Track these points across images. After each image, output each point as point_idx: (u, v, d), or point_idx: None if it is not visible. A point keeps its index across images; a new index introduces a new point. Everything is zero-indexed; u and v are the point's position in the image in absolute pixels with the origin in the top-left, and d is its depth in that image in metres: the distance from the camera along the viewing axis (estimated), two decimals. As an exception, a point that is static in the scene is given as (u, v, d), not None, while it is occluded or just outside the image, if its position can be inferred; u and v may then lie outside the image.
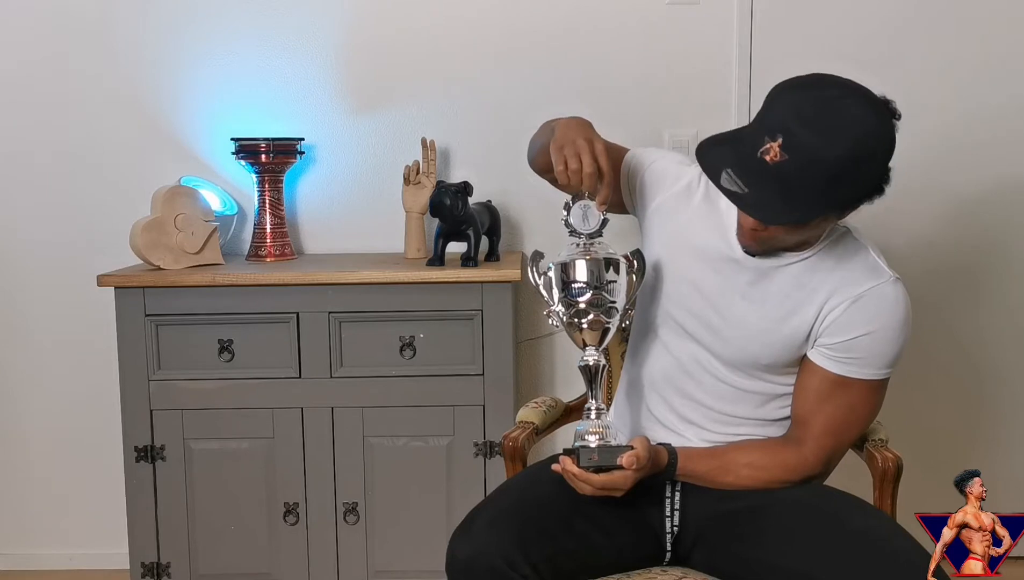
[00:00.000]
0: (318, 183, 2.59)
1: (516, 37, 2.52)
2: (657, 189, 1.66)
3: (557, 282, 1.54)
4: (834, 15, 2.49)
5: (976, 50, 2.50)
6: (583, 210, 1.54)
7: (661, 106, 2.53)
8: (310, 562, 2.30)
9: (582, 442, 1.49)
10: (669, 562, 1.62)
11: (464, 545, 1.44)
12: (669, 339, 1.64)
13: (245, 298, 2.23)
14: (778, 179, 1.35)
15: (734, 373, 1.58)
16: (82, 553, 2.69)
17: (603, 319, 1.53)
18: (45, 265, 2.61)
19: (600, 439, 1.49)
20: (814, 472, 1.56)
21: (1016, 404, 2.65)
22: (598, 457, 1.46)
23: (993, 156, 2.53)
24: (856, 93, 1.38)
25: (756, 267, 1.55)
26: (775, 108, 1.39)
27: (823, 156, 1.33)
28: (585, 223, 1.54)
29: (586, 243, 1.54)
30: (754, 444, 1.58)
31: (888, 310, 1.50)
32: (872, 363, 1.51)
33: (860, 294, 1.50)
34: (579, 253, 1.53)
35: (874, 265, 1.52)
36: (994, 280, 2.60)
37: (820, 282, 1.52)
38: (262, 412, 2.25)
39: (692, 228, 1.61)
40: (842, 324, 1.50)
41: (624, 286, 1.54)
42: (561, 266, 1.53)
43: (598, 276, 1.52)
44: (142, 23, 2.54)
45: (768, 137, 1.35)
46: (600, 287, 1.52)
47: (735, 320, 1.56)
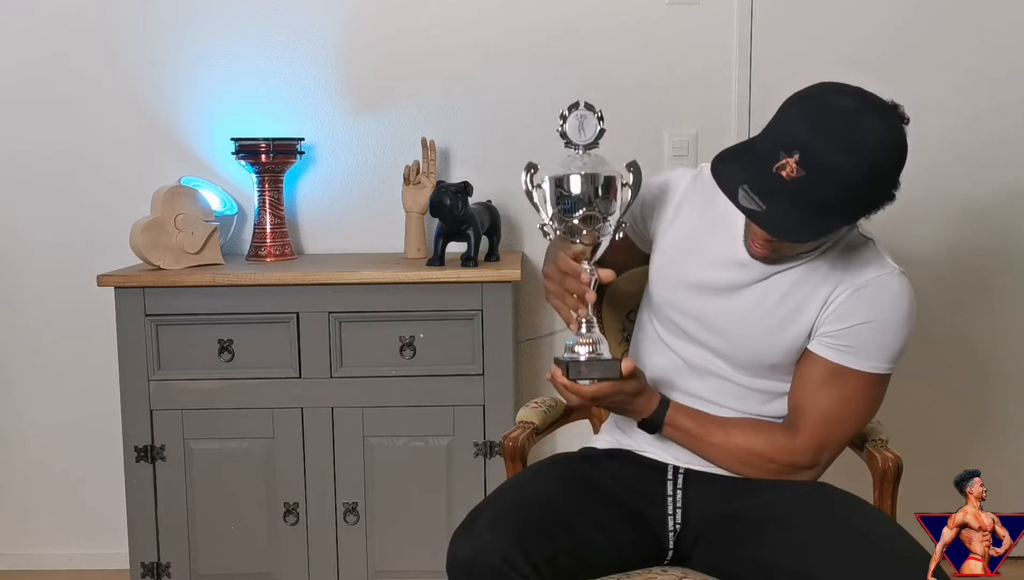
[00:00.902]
0: (318, 183, 2.59)
1: (516, 37, 2.52)
2: (654, 212, 1.67)
3: (551, 196, 1.49)
4: (834, 15, 2.49)
5: (977, 50, 2.50)
6: (579, 121, 1.49)
7: (661, 106, 2.53)
8: (310, 562, 2.30)
9: (571, 354, 1.49)
10: (670, 561, 1.62)
11: (465, 545, 1.44)
12: (672, 341, 1.64)
13: (245, 298, 2.23)
14: (795, 195, 1.35)
15: (740, 372, 1.58)
16: (82, 553, 2.70)
17: (596, 234, 1.49)
18: (45, 265, 2.61)
19: (590, 352, 1.48)
20: (802, 461, 1.54)
21: (1017, 404, 2.65)
22: (587, 370, 1.46)
23: (996, 157, 2.53)
24: (868, 103, 1.38)
25: (761, 268, 1.55)
26: (788, 121, 1.39)
27: (841, 172, 1.33)
28: (581, 134, 1.49)
29: (581, 155, 1.50)
30: (749, 419, 1.59)
31: (890, 301, 1.50)
32: (871, 354, 1.50)
33: (863, 283, 1.49)
34: (574, 166, 1.48)
35: (878, 257, 1.52)
36: (995, 281, 2.60)
37: (824, 275, 1.52)
38: (262, 412, 2.25)
39: (693, 232, 1.62)
40: (843, 312, 1.50)
41: (619, 200, 1.49)
42: (555, 180, 1.48)
43: (592, 190, 1.47)
44: (142, 23, 2.54)
45: (784, 153, 1.35)
46: (594, 202, 1.47)
47: (740, 320, 1.56)
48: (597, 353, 1.48)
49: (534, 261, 2.57)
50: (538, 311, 2.61)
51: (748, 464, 1.56)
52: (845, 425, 1.55)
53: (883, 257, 1.53)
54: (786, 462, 1.55)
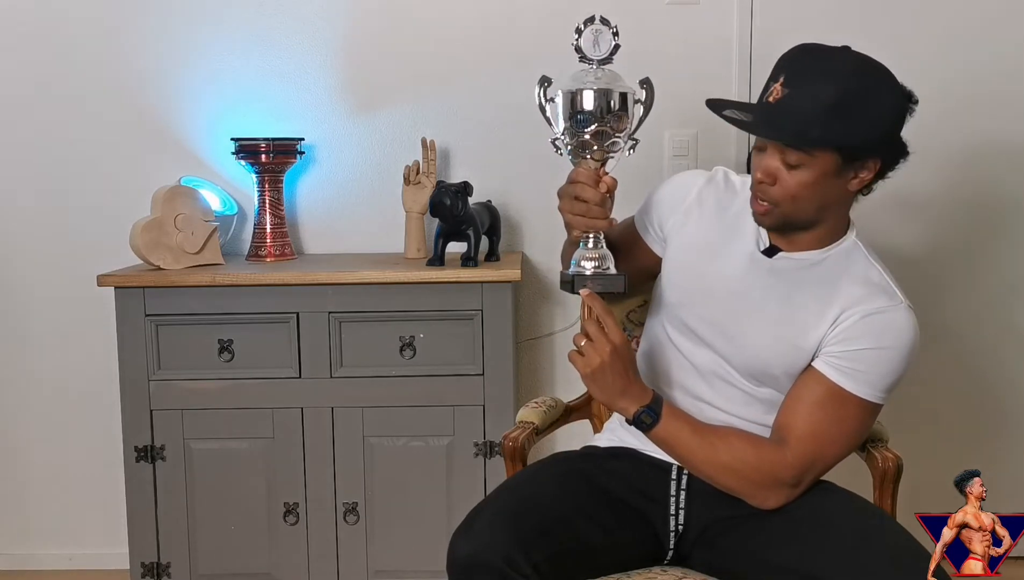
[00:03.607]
0: (318, 183, 2.59)
1: (516, 37, 2.52)
2: (671, 211, 1.67)
3: (565, 110, 1.48)
4: (834, 16, 2.49)
5: (977, 37, 2.50)
6: (595, 35, 1.49)
7: (661, 106, 2.52)
8: (310, 562, 2.30)
9: (577, 269, 1.52)
10: (670, 561, 1.62)
11: (465, 544, 1.44)
12: (683, 344, 1.64)
13: (245, 298, 2.23)
14: (781, 109, 1.43)
15: (746, 379, 1.58)
16: (82, 553, 2.70)
17: (608, 150, 1.50)
18: (45, 265, 2.61)
19: (596, 266, 1.52)
20: (786, 476, 1.51)
21: (1016, 404, 2.65)
22: (592, 284, 1.51)
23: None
24: (853, 51, 1.46)
25: (771, 268, 1.55)
26: (777, 64, 1.48)
27: (823, 81, 1.41)
28: (596, 48, 1.49)
29: (595, 70, 1.49)
30: (738, 429, 1.57)
31: (897, 333, 1.50)
32: (871, 381, 1.50)
33: (873, 311, 1.50)
34: (587, 81, 1.48)
35: (888, 288, 1.53)
36: (997, 281, 2.60)
37: (834, 296, 1.52)
38: (262, 412, 2.25)
39: (707, 233, 1.62)
40: (851, 335, 1.50)
41: (632, 117, 1.50)
42: (569, 94, 1.48)
43: (605, 107, 1.47)
44: (142, 23, 2.54)
45: (772, 83, 1.45)
46: (606, 118, 1.47)
47: (750, 327, 1.55)
48: (603, 268, 1.52)
49: (534, 261, 2.58)
50: (538, 311, 2.61)
51: (732, 472, 1.52)
52: (834, 447, 1.53)
53: (893, 289, 1.53)
54: (771, 474, 1.51)
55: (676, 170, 1.95)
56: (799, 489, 1.53)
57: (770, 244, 1.56)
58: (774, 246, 1.56)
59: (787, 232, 1.53)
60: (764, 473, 1.51)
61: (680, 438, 1.53)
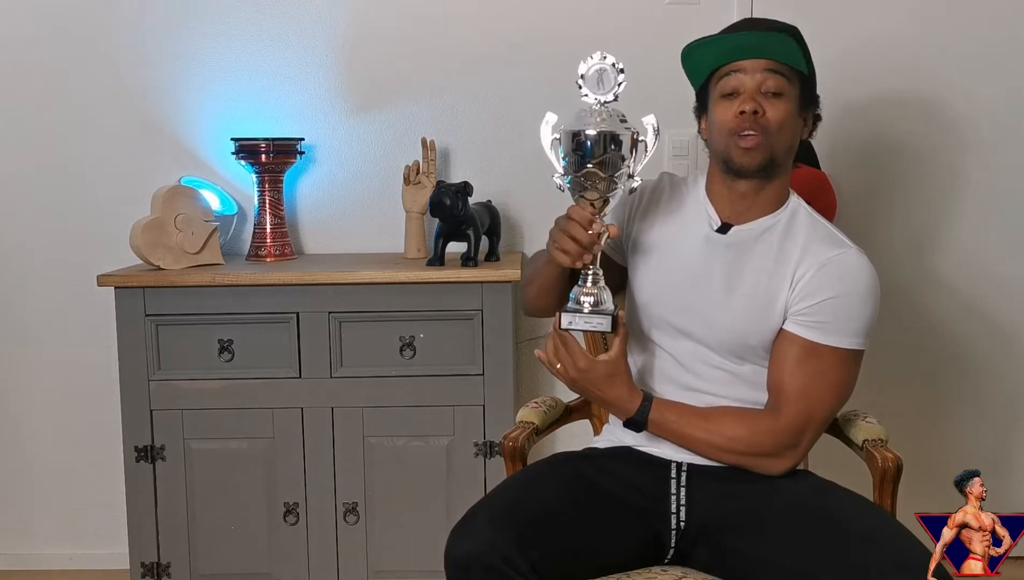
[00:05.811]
0: (318, 183, 2.59)
1: (516, 37, 2.52)
2: (631, 218, 1.72)
3: (566, 148, 1.49)
4: (834, 16, 2.49)
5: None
6: (598, 74, 1.49)
7: (661, 106, 2.52)
8: (310, 562, 2.30)
9: (575, 306, 1.53)
10: (670, 560, 1.62)
11: (463, 542, 1.44)
12: (662, 339, 1.66)
13: (245, 298, 2.23)
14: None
15: (726, 359, 1.61)
16: (82, 553, 2.69)
17: (604, 193, 1.50)
18: (45, 265, 2.61)
19: (592, 305, 1.53)
20: (785, 440, 1.55)
21: (1017, 404, 2.65)
22: (584, 322, 1.52)
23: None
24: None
25: (728, 244, 1.61)
26: (730, 27, 1.67)
27: (778, 28, 1.61)
28: (600, 88, 1.50)
29: (599, 109, 1.50)
30: (731, 407, 1.61)
31: (853, 276, 1.56)
32: (840, 329, 1.55)
33: (826, 261, 1.56)
34: (590, 121, 1.48)
35: (835, 236, 1.61)
36: (998, 281, 2.60)
37: (789, 256, 1.59)
38: (262, 412, 2.25)
39: (661, 230, 1.68)
40: (810, 289, 1.56)
41: (632, 157, 1.51)
42: (571, 134, 1.48)
43: (606, 147, 1.47)
44: (142, 23, 2.54)
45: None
46: (607, 161, 1.47)
47: (720, 304, 1.60)
48: (599, 309, 1.53)
49: (534, 261, 2.58)
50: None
51: (733, 450, 1.57)
52: (824, 401, 1.57)
53: (841, 237, 1.60)
54: (771, 443, 1.56)
55: (676, 170, 1.95)
56: (801, 449, 1.58)
57: (721, 223, 1.62)
58: (726, 223, 1.62)
59: (765, 175, 1.58)
60: (761, 444, 1.56)
61: (673, 432, 1.59)
